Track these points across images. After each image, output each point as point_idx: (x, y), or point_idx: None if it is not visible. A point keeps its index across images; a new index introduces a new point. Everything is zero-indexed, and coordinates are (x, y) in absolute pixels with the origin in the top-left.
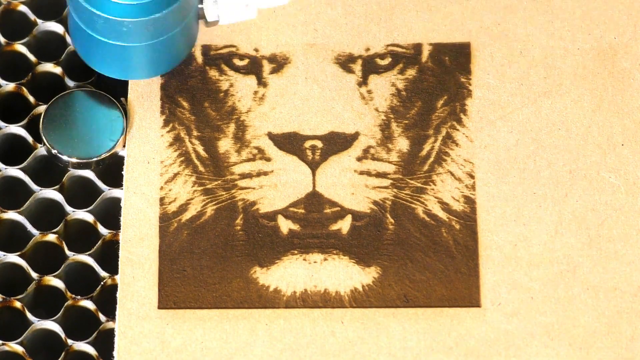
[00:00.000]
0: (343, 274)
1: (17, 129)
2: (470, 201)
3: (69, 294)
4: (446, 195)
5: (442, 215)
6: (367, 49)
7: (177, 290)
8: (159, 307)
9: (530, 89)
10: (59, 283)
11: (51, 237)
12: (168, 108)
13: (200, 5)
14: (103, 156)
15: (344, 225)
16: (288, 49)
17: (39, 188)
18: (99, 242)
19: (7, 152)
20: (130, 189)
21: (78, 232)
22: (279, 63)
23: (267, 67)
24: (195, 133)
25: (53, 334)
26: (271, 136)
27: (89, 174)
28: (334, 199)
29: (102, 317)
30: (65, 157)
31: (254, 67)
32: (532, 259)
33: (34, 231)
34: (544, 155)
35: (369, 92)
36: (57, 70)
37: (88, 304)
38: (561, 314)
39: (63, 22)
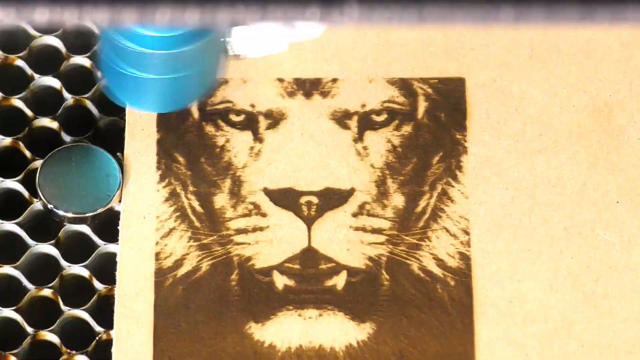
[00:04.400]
0: (338, 329)
1: (13, 184)
2: (465, 257)
3: (64, 348)
4: (441, 252)
5: (437, 271)
6: (363, 105)
7: (172, 345)
8: None
9: (526, 145)
10: (54, 338)
11: (47, 292)
12: (164, 163)
13: (227, 38)
14: (99, 211)
15: (339, 281)
16: (284, 104)
17: (35, 243)
18: (95, 297)
19: (3, 206)
20: (126, 244)
21: (74, 287)
22: (274, 119)
23: (263, 122)
24: (191, 188)
25: None
26: (267, 192)
27: (84, 228)
28: (329, 254)
29: None
30: (61, 212)
31: (250, 122)
32: (527, 315)
33: (29, 286)
34: (539, 212)
35: (365, 148)
36: (54, 125)
37: (83, 359)
38: None
39: (60, 76)
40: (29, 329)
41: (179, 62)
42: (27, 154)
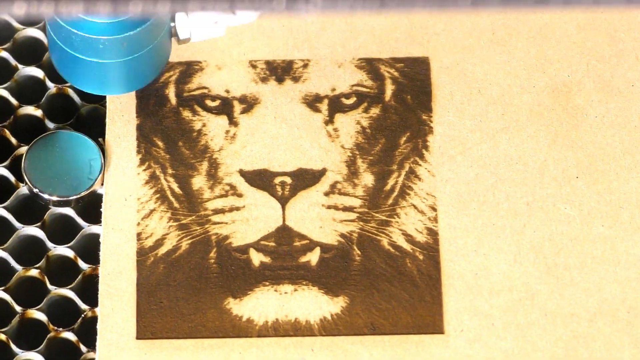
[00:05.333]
0: (313, 303)
1: None
2: (433, 233)
3: (51, 326)
4: (410, 228)
5: (407, 246)
6: (333, 89)
7: (155, 321)
8: (137, 338)
9: (489, 125)
10: (41, 316)
11: (34, 272)
12: (144, 147)
13: (172, 24)
14: (82, 194)
15: (313, 257)
16: (258, 90)
17: (22, 225)
18: (80, 276)
19: None
20: (109, 225)
21: (59, 267)
22: (249, 103)
23: (237, 107)
24: (170, 171)
25: None
26: (242, 173)
27: (69, 211)
28: (303, 232)
29: (83, 348)
30: (46, 196)
31: (225, 107)
32: (492, 287)
33: (17, 267)
34: (503, 188)
35: (335, 130)
36: (38, 112)
37: (69, 335)
38: (520, 340)
39: (43, 67)
40: (18, 308)
41: (124, 46)
42: (13, 140)
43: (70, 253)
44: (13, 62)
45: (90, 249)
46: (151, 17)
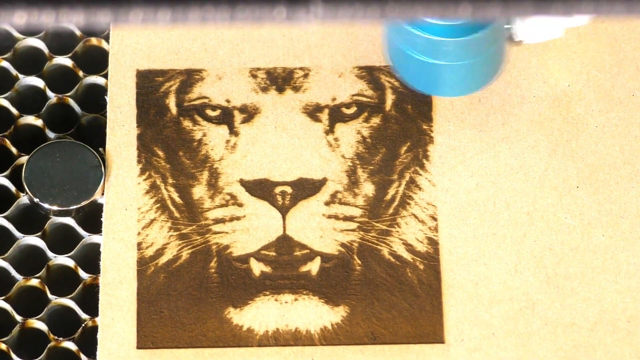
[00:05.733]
0: (313, 313)
1: (0, 179)
2: (433, 242)
3: (51, 335)
4: (410, 237)
5: (407, 256)
6: (334, 99)
7: (155, 330)
8: (138, 347)
9: (489, 135)
10: (42, 325)
11: (34, 282)
12: (144, 157)
13: (509, 26)
14: (83, 204)
15: (314, 266)
16: (258, 99)
17: (22, 235)
18: (80, 285)
19: None
20: (109, 235)
21: (60, 277)
22: (249, 113)
23: (238, 117)
24: (170, 180)
25: None
26: (243, 183)
27: (69, 221)
28: (303, 242)
29: (84, 358)
30: (46, 205)
31: (225, 117)
32: (493, 296)
33: (17, 276)
34: (503, 198)
35: (336, 139)
36: (38, 122)
37: (70, 345)
38: (521, 349)
39: (43, 76)
40: (18, 318)
41: (468, 49)
42: (13, 150)
43: (70, 263)
44: (14, 71)
45: (91, 259)
46: (493, 21)
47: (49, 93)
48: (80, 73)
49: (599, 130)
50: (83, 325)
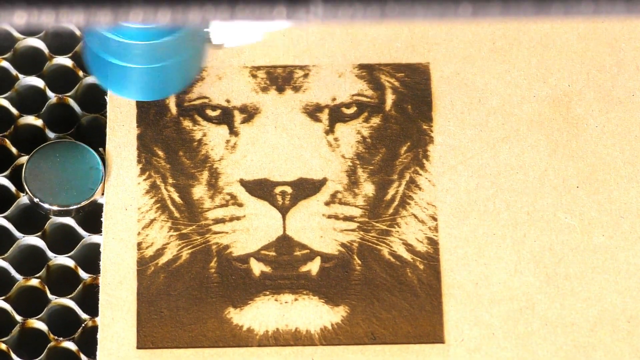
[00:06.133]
0: (313, 313)
1: (0, 179)
2: (433, 242)
3: (51, 335)
4: (410, 237)
5: (407, 256)
6: (334, 99)
7: (155, 330)
8: (138, 347)
9: (489, 135)
10: (42, 325)
11: (34, 282)
12: (144, 157)
13: (206, 29)
14: (83, 204)
15: (314, 266)
16: (258, 99)
17: (22, 235)
18: (80, 285)
19: None
20: (109, 235)
21: (60, 277)
22: (249, 113)
23: (238, 117)
24: (170, 180)
25: None
26: (243, 183)
27: (69, 221)
28: (303, 242)
29: (84, 358)
30: (46, 205)
31: (225, 117)
32: (492, 296)
33: (17, 276)
34: (503, 198)
35: (336, 139)
36: (38, 122)
37: (70, 345)
38: (521, 349)
39: (43, 76)
40: (18, 318)
41: (159, 52)
42: (13, 150)
43: (70, 263)
44: (14, 71)
45: (91, 259)
46: (184, 26)
47: (49, 93)
48: (80, 73)
49: (599, 130)
50: (83, 325)
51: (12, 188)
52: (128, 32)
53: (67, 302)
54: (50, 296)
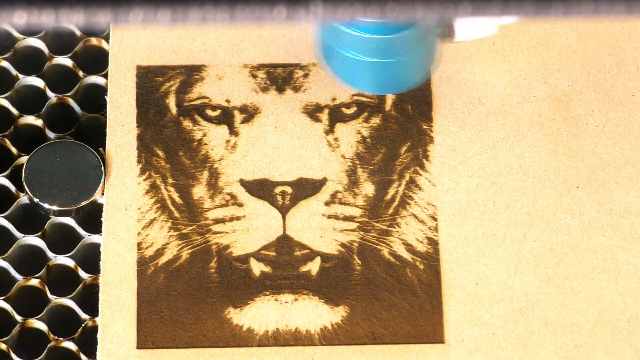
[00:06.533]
0: (313, 313)
1: (0, 179)
2: (433, 242)
3: (51, 335)
4: (410, 237)
5: (407, 256)
6: (334, 99)
7: (155, 330)
8: (138, 347)
9: (489, 135)
10: (42, 325)
11: (34, 282)
12: (144, 157)
13: (439, 26)
14: (83, 204)
15: (314, 266)
16: (258, 99)
17: (22, 235)
18: (80, 285)
19: None
20: (109, 235)
21: (60, 277)
22: (249, 113)
23: (238, 117)
24: (170, 181)
25: None
26: (243, 183)
27: (69, 221)
28: (303, 242)
29: (84, 358)
30: (46, 205)
31: (225, 117)
32: (492, 296)
33: (17, 276)
34: (503, 198)
35: (336, 139)
36: (38, 122)
37: (70, 345)
38: (521, 349)
39: (43, 76)
40: (18, 318)
41: (395, 47)
42: (13, 150)
43: (70, 262)
44: (14, 71)
45: (91, 259)
46: (420, 22)
47: (49, 93)
48: (80, 73)
49: (599, 130)
50: (83, 325)
51: (12, 188)
52: (364, 26)
53: (67, 302)
54: (50, 296)
